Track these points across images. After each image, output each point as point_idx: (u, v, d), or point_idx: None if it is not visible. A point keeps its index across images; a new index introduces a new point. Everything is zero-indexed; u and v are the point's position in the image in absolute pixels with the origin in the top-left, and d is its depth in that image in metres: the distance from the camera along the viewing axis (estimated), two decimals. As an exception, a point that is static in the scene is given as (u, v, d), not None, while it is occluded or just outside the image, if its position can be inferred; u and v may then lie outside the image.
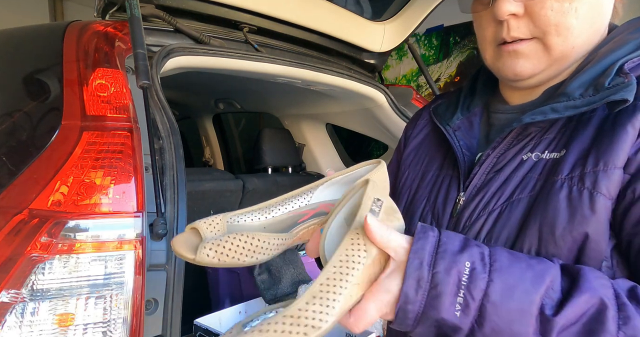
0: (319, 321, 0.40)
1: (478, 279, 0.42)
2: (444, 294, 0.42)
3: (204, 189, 1.85)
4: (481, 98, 0.71)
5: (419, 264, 0.43)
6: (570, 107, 0.54)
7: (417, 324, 0.44)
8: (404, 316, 0.44)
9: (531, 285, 0.42)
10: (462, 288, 0.42)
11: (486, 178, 0.60)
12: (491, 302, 0.41)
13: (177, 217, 0.88)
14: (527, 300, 0.41)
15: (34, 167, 0.79)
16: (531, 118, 0.56)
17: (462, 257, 0.44)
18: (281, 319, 0.40)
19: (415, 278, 0.43)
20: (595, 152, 0.51)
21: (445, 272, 0.43)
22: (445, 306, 0.42)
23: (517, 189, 0.57)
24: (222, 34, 1.37)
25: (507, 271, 0.43)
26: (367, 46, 1.73)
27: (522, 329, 0.41)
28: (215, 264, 0.49)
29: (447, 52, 2.85)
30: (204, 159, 3.10)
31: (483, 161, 0.61)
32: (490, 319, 0.41)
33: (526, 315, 0.41)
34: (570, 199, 0.51)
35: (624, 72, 0.52)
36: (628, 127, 0.50)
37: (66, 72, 0.91)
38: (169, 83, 1.30)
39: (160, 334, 0.83)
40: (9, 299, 0.69)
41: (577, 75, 0.56)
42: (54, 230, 0.72)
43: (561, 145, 0.55)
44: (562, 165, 0.53)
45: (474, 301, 0.42)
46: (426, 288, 0.43)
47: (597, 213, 0.49)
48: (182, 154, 0.94)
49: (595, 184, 0.50)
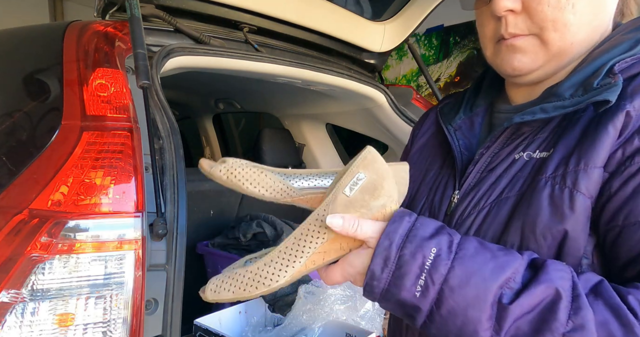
0: (269, 280, 0.49)
1: (440, 265, 0.45)
2: (407, 275, 0.46)
3: (204, 189, 1.85)
4: (485, 98, 0.72)
5: (388, 245, 0.47)
6: (559, 107, 0.54)
7: (382, 299, 0.48)
8: (370, 290, 0.48)
9: (490, 274, 0.44)
10: (424, 272, 0.45)
11: (480, 177, 0.61)
12: (449, 287, 0.44)
13: (177, 217, 0.88)
14: (483, 287, 0.44)
15: (34, 167, 0.79)
16: (520, 118, 0.57)
17: (430, 243, 0.46)
18: (243, 272, 0.50)
19: (383, 257, 0.47)
20: (578, 151, 0.52)
21: (411, 255, 0.46)
22: (407, 286, 0.46)
23: (507, 187, 0.57)
24: (222, 34, 1.37)
25: (470, 259, 0.45)
26: (367, 46, 1.73)
27: (475, 314, 0.43)
28: (224, 181, 0.55)
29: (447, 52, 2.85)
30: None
31: (477, 160, 0.62)
32: (447, 302, 0.44)
33: (481, 301, 0.43)
34: (552, 197, 0.52)
35: (612, 73, 0.53)
36: (609, 127, 0.50)
37: (66, 72, 0.91)
38: (169, 83, 1.30)
39: (160, 334, 0.83)
40: (9, 299, 0.69)
41: (570, 76, 0.57)
42: (54, 230, 0.72)
43: (550, 145, 0.56)
44: (548, 164, 0.54)
45: (434, 285, 0.45)
46: (392, 268, 0.46)
47: (576, 212, 0.50)
48: (182, 154, 0.94)
49: (576, 183, 0.51)
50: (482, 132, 0.69)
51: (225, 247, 1.81)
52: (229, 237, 1.80)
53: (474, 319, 0.43)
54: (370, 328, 1.46)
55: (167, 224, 0.84)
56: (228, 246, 1.80)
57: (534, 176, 0.55)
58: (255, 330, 1.50)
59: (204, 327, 1.36)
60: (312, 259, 0.49)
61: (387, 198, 0.51)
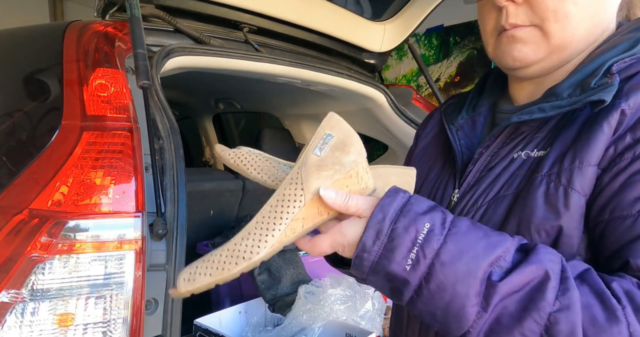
0: (249, 254, 0.46)
1: (433, 240, 0.45)
2: (399, 248, 0.46)
3: (204, 189, 1.85)
4: (488, 98, 0.72)
5: (382, 218, 0.47)
6: (556, 106, 0.55)
7: (371, 272, 0.48)
8: (360, 263, 0.48)
9: (482, 252, 0.45)
10: (416, 245, 0.45)
11: (479, 176, 0.62)
12: (440, 262, 0.44)
13: (177, 217, 0.88)
14: (474, 264, 0.44)
15: (34, 167, 0.79)
16: (518, 117, 0.57)
17: (423, 218, 0.47)
18: (219, 251, 0.48)
19: (375, 230, 0.46)
20: (573, 150, 0.52)
21: (404, 228, 0.46)
22: (397, 259, 0.46)
23: (504, 186, 0.58)
24: (222, 34, 1.37)
25: (462, 236, 0.46)
26: (367, 46, 1.73)
27: (464, 289, 0.44)
28: (231, 164, 0.58)
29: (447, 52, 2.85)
30: (204, 159, 3.10)
31: (477, 159, 0.63)
32: (436, 276, 0.44)
33: (470, 277, 0.44)
34: (547, 195, 0.52)
35: (610, 73, 0.53)
36: (604, 125, 0.51)
37: (66, 72, 0.91)
38: (169, 83, 1.30)
39: (160, 334, 0.83)
40: (9, 299, 0.69)
41: (569, 76, 0.57)
42: (54, 230, 0.72)
43: (548, 144, 0.56)
44: (544, 162, 0.55)
45: (425, 259, 0.45)
46: (383, 241, 0.46)
47: (571, 209, 0.51)
48: (182, 154, 0.94)
49: (570, 180, 0.51)
50: (483, 132, 0.69)
51: (225, 247, 1.81)
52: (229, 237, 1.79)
53: (462, 294, 0.44)
54: (370, 328, 1.46)
55: (167, 224, 0.84)
56: (228, 246, 1.80)
57: (530, 174, 0.56)
58: (255, 330, 1.50)
59: (204, 327, 1.36)
60: (291, 226, 0.48)
61: (357, 154, 0.50)
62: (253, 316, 1.56)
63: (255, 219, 0.49)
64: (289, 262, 1.63)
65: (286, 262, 1.62)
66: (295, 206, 0.48)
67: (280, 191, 0.50)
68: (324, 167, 0.49)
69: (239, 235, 0.49)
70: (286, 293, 1.54)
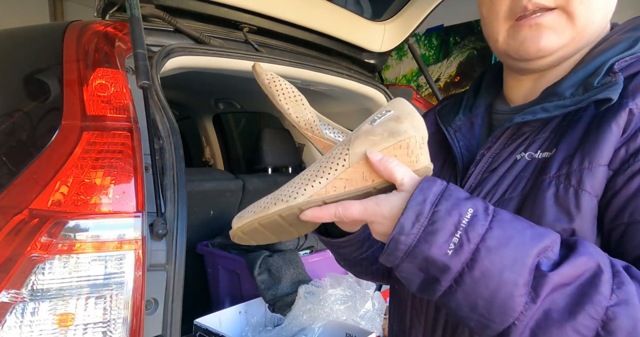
0: (287, 197, 0.50)
1: (478, 225, 0.43)
2: (440, 232, 0.43)
3: (204, 189, 1.85)
4: (484, 99, 0.71)
5: (422, 200, 0.44)
6: (560, 106, 0.54)
7: (406, 257, 0.45)
8: (395, 246, 0.45)
9: (530, 240, 0.43)
10: (459, 229, 0.43)
11: (481, 178, 0.61)
12: (486, 247, 0.42)
13: (177, 217, 0.88)
14: (523, 251, 0.42)
15: (34, 167, 0.79)
16: (521, 117, 0.56)
17: (466, 203, 0.44)
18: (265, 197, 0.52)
19: (415, 212, 0.44)
20: (581, 150, 0.52)
21: (446, 211, 0.43)
22: (438, 243, 0.43)
23: (509, 188, 0.57)
24: (222, 34, 1.37)
25: (508, 223, 0.44)
26: (367, 46, 1.73)
27: (512, 276, 0.41)
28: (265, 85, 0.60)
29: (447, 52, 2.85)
30: (204, 159, 3.10)
31: (478, 161, 0.62)
32: (482, 262, 0.42)
33: (519, 265, 0.41)
34: (557, 197, 0.51)
35: (613, 72, 0.53)
36: (612, 125, 0.50)
37: (66, 72, 0.91)
38: (169, 83, 1.30)
39: (160, 334, 0.83)
40: (9, 299, 0.69)
41: (570, 75, 0.57)
42: (54, 230, 0.72)
43: (552, 145, 0.56)
44: (551, 164, 0.54)
45: (469, 243, 0.42)
46: (423, 223, 0.44)
47: (582, 211, 0.50)
48: (182, 154, 0.94)
49: (581, 181, 0.50)
50: (482, 134, 0.69)
51: (225, 247, 1.81)
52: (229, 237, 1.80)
53: (510, 282, 0.41)
54: (370, 328, 1.46)
55: (167, 224, 0.84)
56: (228, 246, 1.80)
57: (537, 176, 0.55)
58: (255, 330, 1.50)
59: (204, 327, 1.36)
60: (333, 183, 0.49)
61: (412, 127, 0.49)
62: (253, 316, 1.56)
63: (303, 172, 0.52)
64: (289, 262, 1.63)
65: (286, 262, 1.62)
66: (339, 164, 0.49)
67: (331, 151, 0.52)
68: (372, 133, 0.50)
69: (285, 184, 0.52)
70: (286, 293, 1.54)
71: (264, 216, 0.50)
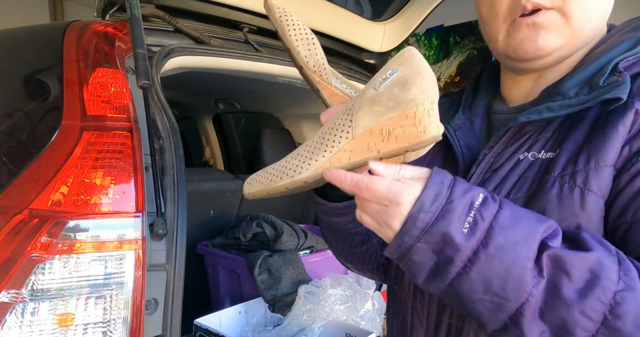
0: (292, 172, 0.50)
1: (489, 206, 0.46)
2: (457, 210, 0.45)
3: (204, 189, 1.85)
4: (483, 98, 0.71)
5: (440, 181, 0.46)
6: (565, 106, 0.54)
7: (422, 236, 0.46)
8: (412, 224, 0.46)
9: (536, 220, 0.46)
10: (473, 210, 0.45)
11: (483, 177, 0.61)
12: (499, 224, 0.44)
13: (177, 217, 0.88)
14: (531, 228, 0.45)
15: (34, 167, 0.79)
16: (526, 117, 0.56)
17: (477, 189, 0.47)
18: (273, 165, 0.52)
19: (435, 191, 0.46)
20: (586, 150, 0.52)
21: (462, 192, 0.46)
22: (455, 220, 0.45)
23: (514, 188, 0.57)
24: (222, 34, 1.37)
25: (514, 207, 0.47)
26: (367, 46, 1.73)
27: (524, 251, 0.44)
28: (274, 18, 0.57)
29: (447, 52, 2.85)
30: (204, 159, 3.09)
31: (480, 161, 0.62)
32: (496, 239, 0.44)
33: (530, 240, 0.44)
34: (561, 196, 0.52)
35: (618, 71, 0.53)
36: (619, 126, 0.50)
37: (66, 72, 0.91)
38: (169, 83, 1.30)
39: (160, 334, 0.83)
40: (9, 299, 0.69)
41: (573, 75, 0.56)
42: (54, 230, 0.72)
43: (556, 145, 0.56)
44: (555, 164, 0.54)
45: (483, 221, 0.45)
46: (442, 202, 0.45)
47: (588, 211, 0.50)
48: (182, 154, 0.94)
49: (586, 182, 0.51)
50: (482, 133, 0.68)
51: (225, 247, 1.81)
52: (229, 237, 1.80)
53: (524, 255, 0.43)
54: (370, 328, 1.46)
55: (167, 224, 0.84)
56: (228, 246, 1.80)
57: (541, 176, 0.55)
58: (255, 330, 1.50)
59: (204, 327, 1.36)
60: (337, 156, 0.48)
61: (419, 93, 0.46)
62: (253, 316, 1.56)
63: (306, 142, 0.51)
64: (289, 262, 1.63)
65: (286, 262, 1.62)
66: (342, 136, 0.48)
67: (333, 120, 0.50)
68: (377, 102, 0.47)
69: (291, 154, 0.51)
70: (286, 293, 1.54)
71: (272, 188, 0.51)
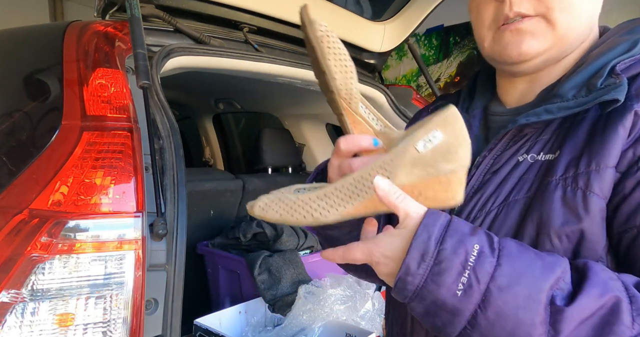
0: (319, 215, 0.49)
1: (485, 262, 0.42)
2: (448, 272, 0.42)
3: (204, 189, 1.85)
4: (480, 100, 0.71)
5: (426, 238, 0.43)
6: (564, 108, 0.54)
7: (415, 297, 0.44)
8: (403, 286, 0.44)
9: (540, 273, 0.41)
10: (467, 269, 0.42)
11: (483, 179, 0.60)
12: (497, 286, 0.41)
13: (177, 217, 0.87)
14: (535, 287, 0.41)
15: (34, 167, 0.79)
16: (526, 119, 0.56)
17: (472, 239, 0.43)
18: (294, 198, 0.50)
19: (420, 252, 0.43)
20: (587, 152, 0.52)
21: (452, 250, 0.43)
22: (447, 283, 0.42)
23: (514, 190, 0.57)
24: (222, 34, 1.37)
25: (516, 257, 0.43)
26: (367, 46, 1.73)
27: (528, 316, 0.40)
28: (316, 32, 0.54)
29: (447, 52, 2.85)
30: (204, 159, 3.09)
31: (480, 163, 0.61)
32: (495, 303, 0.41)
33: (534, 302, 0.40)
34: (565, 199, 0.51)
35: (615, 73, 0.53)
36: (619, 128, 0.50)
37: (66, 72, 0.91)
38: (169, 83, 1.30)
39: (160, 334, 0.83)
40: (9, 299, 0.69)
41: (570, 77, 0.57)
42: (54, 230, 0.72)
43: (556, 147, 0.55)
44: (556, 166, 0.53)
45: (479, 284, 0.41)
46: (430, 263, 0.43)
47: (591, 213, 0.50)
48: (182, 154, 0.94)
49: (588, 184, 0.50)
50: (480, 135, 0.68)
51: (225, 247, 1.81)
52: (229, 237, 1.80)
53: (527, 321, 0.40)
54: (370, 328, 1.46)
55: (167, 224, 0.84)
56: (228, 246, 1.80)
57: (542, 178, 0.55)
58: (255, 330, 1.50)
59: (204, 327, 1.36)
60: (365, 204, 0.48)
61: (458, 165, 0.48)
62: (253, 316, 1.56)
63: (335, 185, 0.50)
64: (289, 262, 1.63)
65: (286, 262, 1.62)
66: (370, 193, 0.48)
67: (367, 169, 0.49)
68: (417, 166, 0.47)
69: (317, 193, 0.50)
70: (286, 293, 1.54)
71: (290, 222, 0.50)
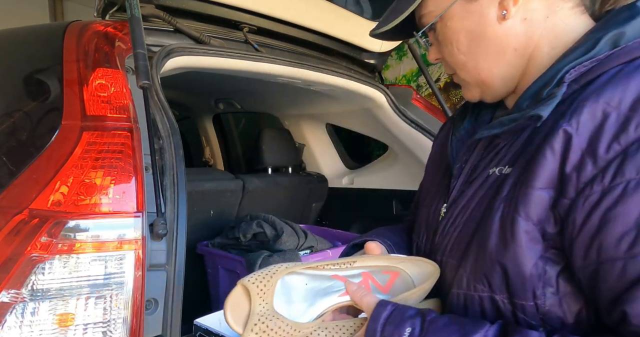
0: None
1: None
2: None
3: (204, 189, 1.85)
4: (489, 107, 0.70)
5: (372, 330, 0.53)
6: (512, 120, 0.52)
7: None
8: None
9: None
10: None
11: (461, 190, 0.60)
12: None
13: (177, 217, 0.87)
14: None
15: (34, 167, 0.79)
16: (480, 134, 0.57)
17: (406, 323, 0.52)
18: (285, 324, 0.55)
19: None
20: (526, 170, 0.49)
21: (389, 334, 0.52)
22: None
23: (476, 207, 0.56)
24: (222, 34, 1.37)
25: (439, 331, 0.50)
26: (367, 46, 1.73)
27: None
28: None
29: (447, 52, 2.85)
30: (204, 159, 3.10)
31: (459, 174, 0.61)
32: None
33: None
34: (502, 220, 0.50)
35: (563, 82, 0.49)
36: (546, 147, 0.47)
37: (66, 72, 0.91)
38: (169, 83, 1.30)
39: (160, 334, 0.83)
40: (9, 299, 0.69)
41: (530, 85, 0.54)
42: (54, 230, 0.72)
43: (514, 161, 0.53)
44: (506, 183, 0.52)
45: None
46: None
47: (517, 237, 0.48)
48: (182, 154, 0.94)
49: (516, 205, 0.49)
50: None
51: (225, 247, 1.81)
52: (229, 237, 1.80)
53: None
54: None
55: (167, 224, 0.84)
56: (228, 246, 1.80)
57: (493, 195, 0.53)
58: (255, 330, 1.50)
59: (204, 327, 1.36)
60: None
61: None
62: (253, 316, 1.55)
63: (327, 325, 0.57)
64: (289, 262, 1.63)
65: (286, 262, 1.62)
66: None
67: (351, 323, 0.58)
68: None
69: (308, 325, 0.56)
70: (286, 293, 1.53)
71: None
